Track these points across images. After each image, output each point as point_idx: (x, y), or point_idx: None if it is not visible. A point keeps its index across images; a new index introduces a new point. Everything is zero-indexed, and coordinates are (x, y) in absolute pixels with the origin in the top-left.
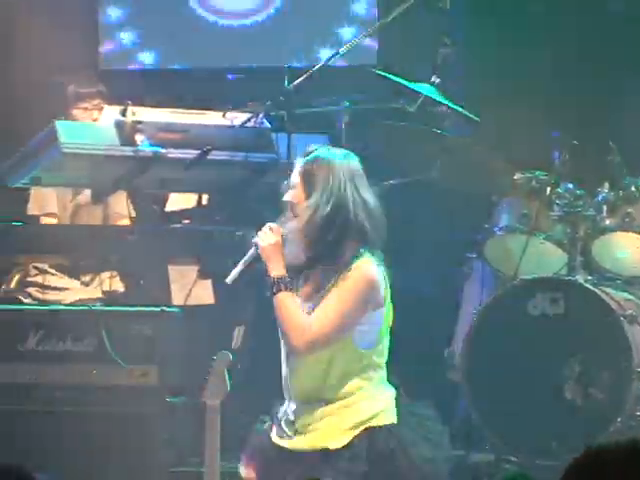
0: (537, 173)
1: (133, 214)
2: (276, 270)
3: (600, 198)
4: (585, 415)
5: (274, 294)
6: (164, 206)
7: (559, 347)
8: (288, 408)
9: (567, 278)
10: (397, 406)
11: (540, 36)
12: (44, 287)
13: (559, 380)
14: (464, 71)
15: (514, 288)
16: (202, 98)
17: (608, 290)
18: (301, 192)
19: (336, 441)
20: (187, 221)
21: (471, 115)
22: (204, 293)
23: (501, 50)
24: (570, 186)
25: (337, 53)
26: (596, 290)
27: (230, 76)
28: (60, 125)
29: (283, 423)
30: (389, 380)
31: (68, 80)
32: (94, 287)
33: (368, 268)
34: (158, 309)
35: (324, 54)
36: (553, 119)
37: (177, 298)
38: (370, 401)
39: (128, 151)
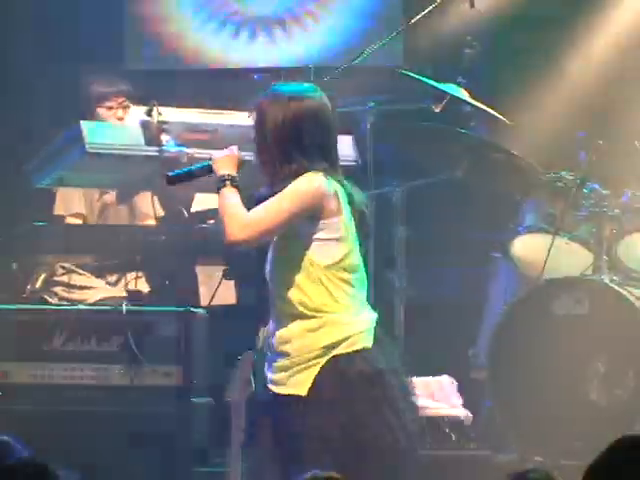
0: (563, 173)
1: (159, 214)
2: (225, 169)
3: (625, 198)
4: (610, 415)
5: (218, 190)
6: (190, 206)
7: (584, 347)
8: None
9: (592, 278)
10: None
11: (568, 35)
12: (70, 287)
13: (584, 380)
14: (491, 71)
15: (539, 288)
16: (228, 98)
17: (633, 290)
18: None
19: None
20: (212, 221)
21: (497, 115)
22: (228, 293)
23: (529, 50)
24: (596, 186)
25: (363, 53)
26: (621, 290)
27: (256, 76)
28: (85, 125)
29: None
30: None
31: (93, 79)
32: (119, 287)
33: (310, 176)
34: (183, 309)
35: (350, 54)
36: (580, 119)
37: (205, 299)
38: (338, 325)
39: (153, 151)
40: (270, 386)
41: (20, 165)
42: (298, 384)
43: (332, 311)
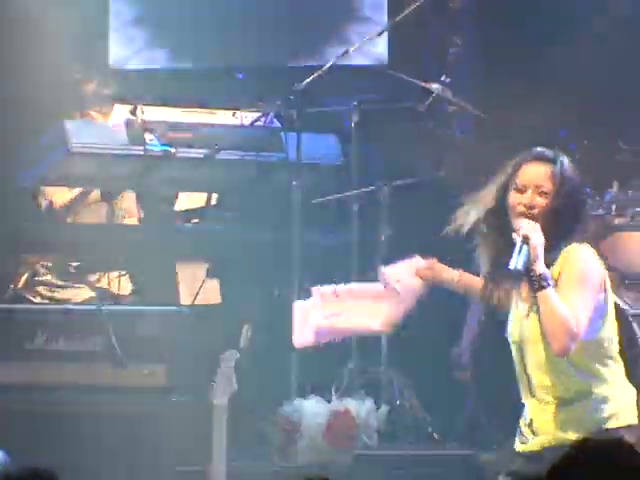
0: None
1: (142, 213)
2: (542, 266)
3: (609, 198)
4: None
5: (540, 289)
6: (173, 205)
7: None
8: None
9: None
10: None
11: (551, 35)
12: (53, 286)
13: None
14: (474, 70)
15: None
16: (212, 97)
17: (617, 289)
18: None
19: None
20: (196, 220)
21: (481, 114)
22: (211, 293)
23: (511, 49)
24: None
25: (347, 52)
26: None
27: (240, 75)
28: (70, 124)
29: (522, 426)
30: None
31: (84, 79)
32: (103, 286)
33: (584, 251)
34: (166, 309)
35: (334, 53)
36: (563, 118)
37: (185, 298)
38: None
39: (137, 150)
40: None
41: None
42: None
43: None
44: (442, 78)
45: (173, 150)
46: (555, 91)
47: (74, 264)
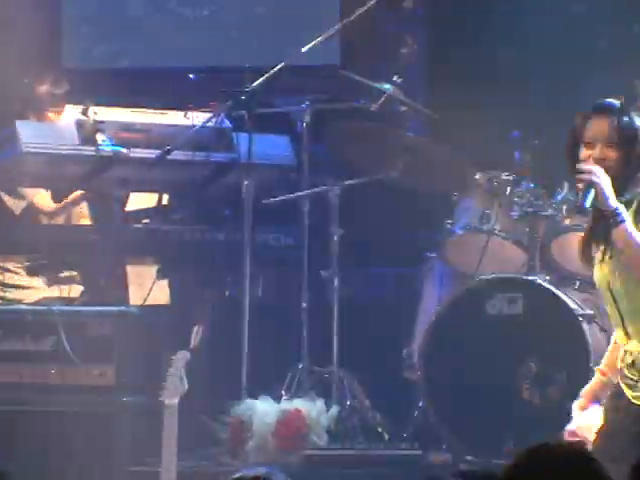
0: (498, 173)
1: (93, 214)
2: (614, 200)
3: (559, 198)
4: (542, 415)
5: (619, 223)
6: (124, 206)
7: (517, 347)
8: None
9: (526, 278)
10: None
11: (503, 36)
12: (5, 286)
13: (517, 380)
14: (426, 70)
15: (473, 288)
16: (164, 98)
17: (567, 290)
18: None
19: None
20: (147, 221)
21: (432, 114)
22: (161, 293)
23: (463, 50)
24: (531, 186)
25: (298, 52)
26: (554, 290)
27: (192, 76)
28: (20, 125)
29: (624, 368)
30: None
31: (38, 80)
32: (54, 287)
33: None
34: (116, 309)
35: (286, 54)
36: (514, 119)
37: (135, 298)
38: None
39: (89, 151)
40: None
41: None
42: None
43: None
44: (394, 78)
45: (125, 150)
46: (507, 91)
47: (25, 264)
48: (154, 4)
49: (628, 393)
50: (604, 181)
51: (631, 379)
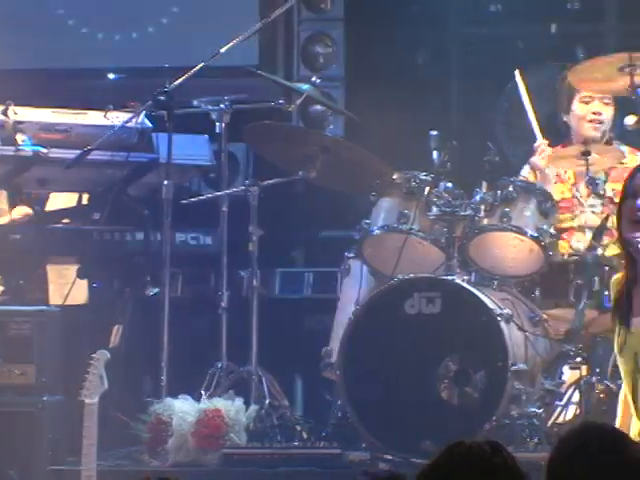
0: (416, 173)
1: (13, 213)
2: None
3: (478, 198)
4: (460, 414)
5: None
6: (44, 206)
7: (436, 346)
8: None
9: (444, 278)
10: None
11: (419, 36)
12: None
13: (435, 379)
14: (345, 72)
15: (391, 287)
16: (84, 98)
17: (485, 290)
18: None
19: None
20: (67, 221)
21: (351, 115)
22: (81, 293)
23: (382, 51)
24: (449, 186)
25: (217, 53)
26: (473, 289)
27: (112, 76)
28: None
29: None
30: None
31: None
32: None
33: None
34: (36, 309)
35: (206, 55)
36: (433, 119)
37: (55, 298)
38: None
39: (9, 150)
40: None
41: None
42: None
43: None
44: (312, 79)
45: (45, 151)
46: (426, 92)
47: None
48: (74, 4)
49: None
50: None
51: None
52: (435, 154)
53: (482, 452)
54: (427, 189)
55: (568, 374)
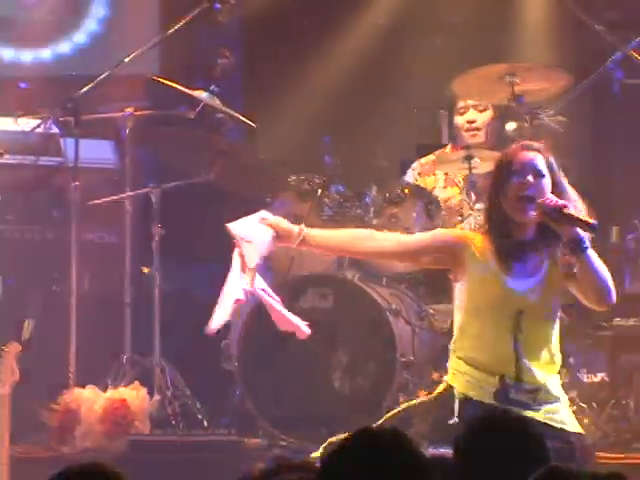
0: (310, 175)
1: None
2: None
3: (367, 200)
4: (352, 402)
5: (584, 249)
6: None
7: (329, 339)
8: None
9: (336, 274)
10: None
11: (313, 46)
12: None
13: (328, 370)
14: (243, 80)
15: (287, 284)
16: None
17: (375, 286)
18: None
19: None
20: None
21: (247, 121)
22: None
23: (278, 58)
24: (340, 188)
25: (121, 62)
26: (363, 285)
27: (22, 84)
28: None
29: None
30: None
31: None
32: None
33: None
34: None
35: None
36: (326, 125)
37: None
38: None
39: None
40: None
41: None
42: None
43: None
44: (211, 87)
45: None
46: (319, 99)
47: None
48: None
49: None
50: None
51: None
52: (327, 158)
53: (387, 435)
54: (320, 191)
55: None
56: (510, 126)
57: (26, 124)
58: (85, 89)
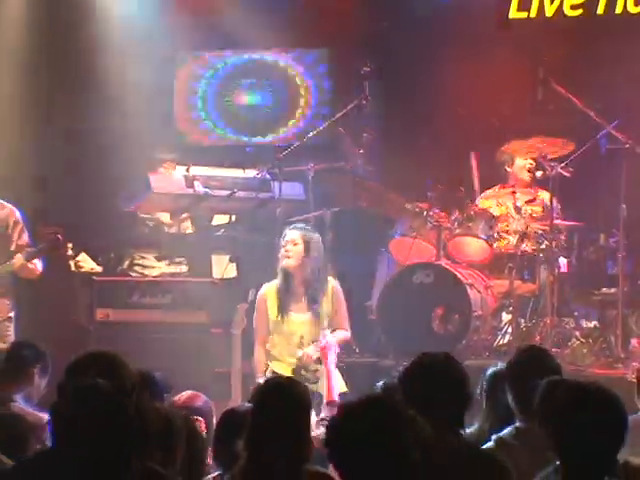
0: (418, 203)
1: None
2: None
3: (453, 217)
4: (445, 339)
5: None
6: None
7: (431, 301)
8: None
9: (434, 262)
10: None
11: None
12: None
13: (431, 319)
14: (380, 148)
15: (405, 268)
16: (232, 161)
17: (458, 268)
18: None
19: None
20: None
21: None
22: None
23: (402, 135)
24: (436, 210)
25: (308, 137)
26: (450, 268)
27: (248, 148)
28: (151, 176)
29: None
30: None
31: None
32: None
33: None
34: None
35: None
36: (429, 170)
37: None
38: None
39: (189, 191)
40: None
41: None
42: None
43: None
44: (359, 151)
45: (210, 191)
46: (426, 158)
47: None
48: None
49: None
50: None
51: None
52: (428, 193)
53: (440, 355)
54: (425, 213)
55: (506, 317)
56: (538, 173)
57: (250, 173)
58: (285, 152)
